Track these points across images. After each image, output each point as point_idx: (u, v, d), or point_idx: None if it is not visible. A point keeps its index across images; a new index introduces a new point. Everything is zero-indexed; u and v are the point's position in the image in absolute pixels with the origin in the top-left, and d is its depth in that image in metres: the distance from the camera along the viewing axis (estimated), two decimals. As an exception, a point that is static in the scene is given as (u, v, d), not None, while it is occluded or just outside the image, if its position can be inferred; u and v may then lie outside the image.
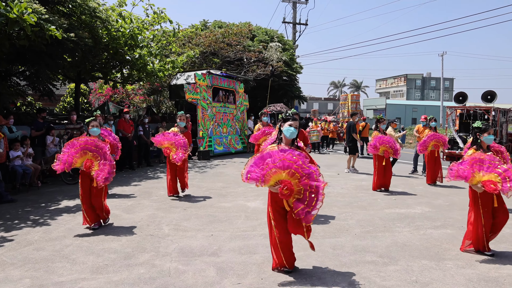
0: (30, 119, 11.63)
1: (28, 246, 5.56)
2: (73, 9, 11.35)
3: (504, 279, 4.62)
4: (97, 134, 6.50)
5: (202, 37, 22.52)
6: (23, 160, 9.49)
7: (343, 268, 4.87)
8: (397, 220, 7.18)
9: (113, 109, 19.15)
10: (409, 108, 66.66)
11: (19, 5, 7.64)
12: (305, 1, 31.75)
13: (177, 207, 7.99)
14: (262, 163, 4.17)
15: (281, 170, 4.11)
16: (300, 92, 29.18)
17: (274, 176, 4.13)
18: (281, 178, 4.13)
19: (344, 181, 11.46)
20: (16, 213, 7.45)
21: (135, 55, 13.37)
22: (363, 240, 6.00)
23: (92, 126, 6.45)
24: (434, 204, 8.55)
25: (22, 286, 4.26)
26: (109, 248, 5.50)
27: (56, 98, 17.10)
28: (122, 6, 13.49)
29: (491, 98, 13.86)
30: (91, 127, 6.45)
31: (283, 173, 4.11)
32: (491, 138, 5.41)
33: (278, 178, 4.14)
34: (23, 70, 12.22)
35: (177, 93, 17.55)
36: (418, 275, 4.68)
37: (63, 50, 10.17)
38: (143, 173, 12.55)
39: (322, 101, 74.47)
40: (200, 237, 6.01)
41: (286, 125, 4.45)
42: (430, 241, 5.99)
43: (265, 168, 4.12)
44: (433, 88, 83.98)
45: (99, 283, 4.34)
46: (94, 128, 6.45)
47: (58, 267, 4.80)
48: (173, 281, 4.43)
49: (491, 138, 5.41)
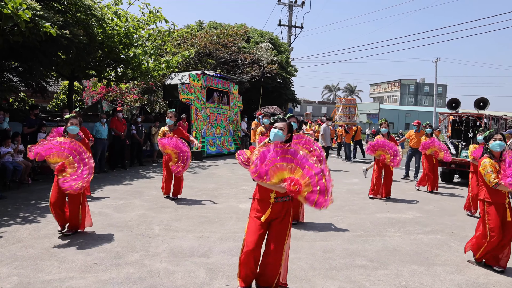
0: (22, 115, 11.54)
1: (16, 244, 5.51)
2: (68, 6, 11.29)
3: (492, 286, 4.65)
4: (75, 132, 6.13)
5: (197, 38, 22.50)
6: (13, 157, 9.41)
7: (333, 271, 4.87)
8: (388, 225, 7.20)
9: (106, 107, 19.03)
10: (402, 113, 67.02)
11: (14, 1, 7.58)
12: (301, 4, 31.82)
13: (168, 207, 7.96)
14: (264, 159, 3.88)
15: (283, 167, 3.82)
16: (294, 95, 29.21)
17: (278, 174, 3.82)
18: (284, 177, 3.82)
19: (336, 184, 11.45)
20: (6, 210, 7.38)
21: (130, 54, 13.32)
22: (354, 244, 6.01)
23: (71, 123, 6.08)
24: (425, 210, 8.59)
25: (9, 284, 4.22)
26: (98, 247, 5.46)
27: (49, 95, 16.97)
28: (118, 4, 13.44)
29: (483, 105, 13.94)
30: (69, 124, 6.07)
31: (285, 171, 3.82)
32: (498, 145, 5.07)
33: (281, 176, 3.82)
34: (16, 66, 12.13)
35: (171, 93, 17.52)
36: (407, 280, 4.70)
37: (57, 47, 10.10)
38: (135, 173, 12.50)
39: (316, 104, 74.57)
40: (191, 238, 5.99)
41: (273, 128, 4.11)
42: (420, 246, 6.01)
43: (268, 163, 3.84)
44: (427, 94, 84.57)
45: (87, 282, 4.31)
46: (72, 126, 6.08)
47: (47, 265, 4.76)
48: (163, 281, 4.40)
49: (498, 145, 5.07)
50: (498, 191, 5.05)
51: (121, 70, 14.75)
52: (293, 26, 31.72)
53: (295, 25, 31.79)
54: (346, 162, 18.48)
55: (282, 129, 4.02)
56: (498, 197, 5.08)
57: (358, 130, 19.79)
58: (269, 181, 3.81)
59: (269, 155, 3.86)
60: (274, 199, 3.99)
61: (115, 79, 15.46)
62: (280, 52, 26.95)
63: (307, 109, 65.35)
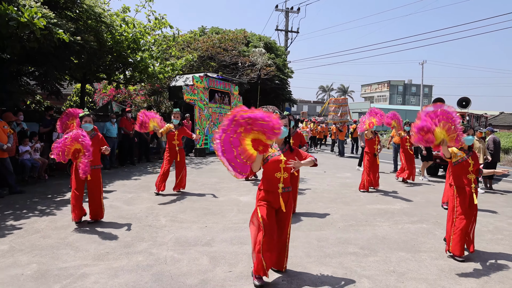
0: (38, 116, 11.57)
1: (35, 234, 5.56)
2: (80, 14, 11.29)
3: (473, 270, 4.71)
4: (89, 129, 6.21)
5: (200, 42, 22.46)
6: (31, 155, 9.46)
7: (327, 258, 4.92)
8: (377, 215, 7.25)
9: (116, 108, 19.01)
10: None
11: (30, 10, 7.61)
12: (297, 11, 31.75)
13: (174, 200, 8.00)
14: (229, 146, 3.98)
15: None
16: (291, 95, 29.20)
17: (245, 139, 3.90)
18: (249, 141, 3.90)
19: (330, 178, 11.52)
20: (25, 203, 7.43)
21: (137, 58, 13.32)
22: (346, 233, 6.06)
23: (85, 121, 6.18)
24: (412, 201, 8.64)
25: (29, 271, 4.27)
26: (110, 237, 5.51)
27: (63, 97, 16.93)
28: (126, 12, 13.42)
29: (466, 104, 13.99)
30: (84, 122, 6.18)
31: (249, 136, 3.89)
32: (470, 139, 5.20)
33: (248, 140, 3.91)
34: (32, 70, 12.14)
35: (176, 94, 17.50)
36: (395, 266, 4.75)
37: (70, 52, 10.12)
38: (143, 168, 12.53)
39: (311, 104, 74.45)
40: (195, 228, 6.03)
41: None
42: (407, 235, 6.06)
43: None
44: (414, 94, 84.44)
45: (100, 269, 4.36)
46: (86, 123, 6.18)
47: (63, 254, 4.81)
48: (169, 268, 4.45)
49: (470, 139, 5.20)
50: (464, 177, 5.15)
51: (129, 73, 14.74)
52: (290, 31, 31.67)
53: (292, 30, 31.75)
54: (339, 157, 18.53)
55: (286, 125, 4.21)
56: (462, 182, 5.18)
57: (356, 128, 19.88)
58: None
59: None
60: (282, 189, 4.12)
61: (124, 82, 15.45)
62: (278, 56, 26.91)
63: (303, 108, 65.33)
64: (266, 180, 4.18)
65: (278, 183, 4.11)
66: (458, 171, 5.23)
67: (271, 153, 4.14)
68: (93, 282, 4.04)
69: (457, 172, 5.23)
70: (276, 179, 4.12)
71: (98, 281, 4.08)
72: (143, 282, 4.07)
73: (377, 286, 4.15)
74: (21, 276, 4.16)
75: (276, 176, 4.12)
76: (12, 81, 11.43)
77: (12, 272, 4.24)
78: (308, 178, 11.23)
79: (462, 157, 5.19)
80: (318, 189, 9.69)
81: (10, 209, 6.98)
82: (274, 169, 4.12)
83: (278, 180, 4.11)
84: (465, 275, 4.53)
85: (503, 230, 6.56)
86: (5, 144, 7.98)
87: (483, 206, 8.47)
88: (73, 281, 4.06)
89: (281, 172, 4.12)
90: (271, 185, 4.14)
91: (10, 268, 4.34)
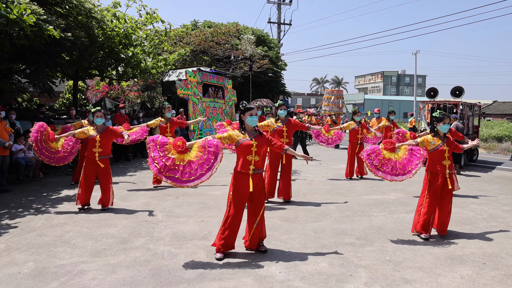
0: (31, 114, 11.50)
1: (31, 232, 5.56)
2: (70, 10, 11.20)
3: (467, 257, 4.77)
4: (101, 123, 6.80)
5: (192, 36, 22.37)
6: (25, 153, 9.41)
7: (323, 249, 4.96)
8: (373, 206, 7.30)
9: (109, 104, 18.91)
10: (385, 102, 67.04)
11: (19, 7, 7.53)
12: (289, 2, 31.61)
13: (169, 195, 8.01)
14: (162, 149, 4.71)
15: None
16: (285, 88, 29.18)
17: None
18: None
19: (325, 170, 11.57)
20: (20, 202, 7.41)
21: (129, 53, 13.26)
22: (342, 224, 6.10)
23: (96, 116, 6.77)
24: (408, 191, 8.70)
25: (26, 269, 4.28)
26: (106, 233, 5.52)
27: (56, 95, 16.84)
28: (117, 7, 13.33)
29: (459, 93, 14.03)
30: (95, 117, 6.77)
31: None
32: (446, 127, 5.47)
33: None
34: (23, 68, 12.04)
35: (170, 89, 17.46)
36: (391, 255, 4.79)
37: (61, 49, 10.04)
38: (138, 164, 12.51)
39: (305, 96, 74.42)
40: (192, 223, 6.05)
41: (247, 115, 4.68)
42: (403, 224, 6.11)
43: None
44: (407, 84, 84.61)
45: (97, 266, 4.37)
46: (98, 118, 6.77)
47: (60, 251, 4.81)
48: (167, 263, 4.47)
49: (446, 127, 5.47)
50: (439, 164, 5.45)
51: (122, 69, 14.68)
52: (282, 23, 31.56)
53: (284, 22, 31.63)
54: (334, 149, 18.56)
55: (256, 114, 4.72)
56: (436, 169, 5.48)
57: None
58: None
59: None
60: (253, 170, 4.63)
61: (117, 78, 15.38)
62: (271, 48, 26.85)
63: (297, 101, 65.34)
64: (239, 162, 4.66)
65: (250, 165, 4.61)
66: (434, 157, 5.53)
67: (242, 138, 4.66)
68: (91, 279, 4.05)
69: (433, 159, 5.54)
70: (248, 161, 4.62)
71: (96, 277, 4.09)
72: (141, 278, 4.09)
73: (373, 276, 4.20)
74: (18, 274, 4.16)
75: (247, 159, 4.62)
76: (3, 79, 11.32)
77: (9, 271, 4.23)
78: (303, 170, 11.27)
79: (437, 145, 5.48)
80: (314, 180, 9.73)
81: (5, 208, 6.95)
82: (245, 152, 4.62)
83: (250, 162, 4.62)
84: (460, 263, 4.59)
85: (497, 217, 6.63)
86: (7, 141, 8.15)
87: (478, 193, 8.56)
88: (71, 278, 4.07)
89: (252, 155, 4.62)
90: (243, 166, 4.63)
91: (7, 267, 4.34)
